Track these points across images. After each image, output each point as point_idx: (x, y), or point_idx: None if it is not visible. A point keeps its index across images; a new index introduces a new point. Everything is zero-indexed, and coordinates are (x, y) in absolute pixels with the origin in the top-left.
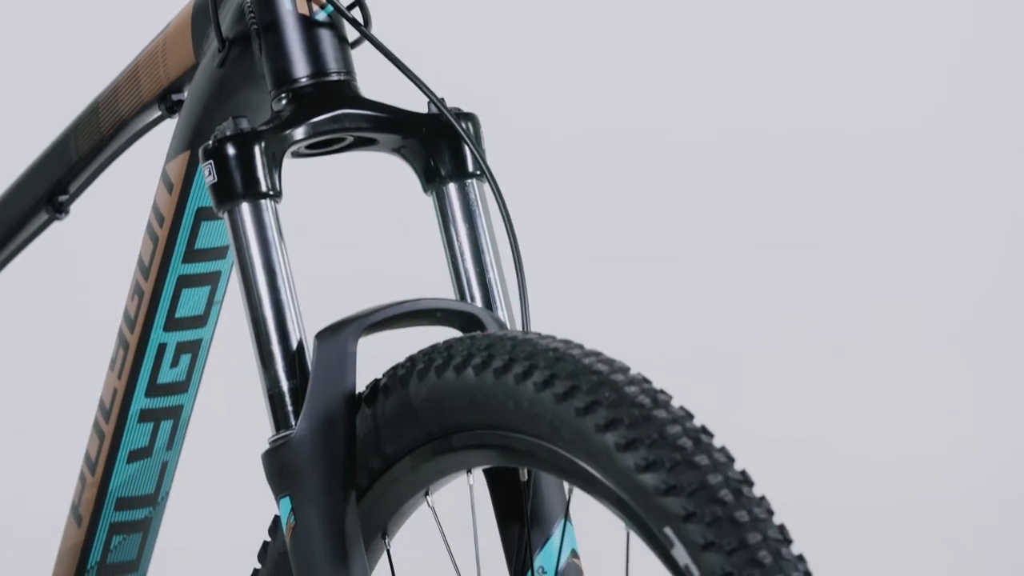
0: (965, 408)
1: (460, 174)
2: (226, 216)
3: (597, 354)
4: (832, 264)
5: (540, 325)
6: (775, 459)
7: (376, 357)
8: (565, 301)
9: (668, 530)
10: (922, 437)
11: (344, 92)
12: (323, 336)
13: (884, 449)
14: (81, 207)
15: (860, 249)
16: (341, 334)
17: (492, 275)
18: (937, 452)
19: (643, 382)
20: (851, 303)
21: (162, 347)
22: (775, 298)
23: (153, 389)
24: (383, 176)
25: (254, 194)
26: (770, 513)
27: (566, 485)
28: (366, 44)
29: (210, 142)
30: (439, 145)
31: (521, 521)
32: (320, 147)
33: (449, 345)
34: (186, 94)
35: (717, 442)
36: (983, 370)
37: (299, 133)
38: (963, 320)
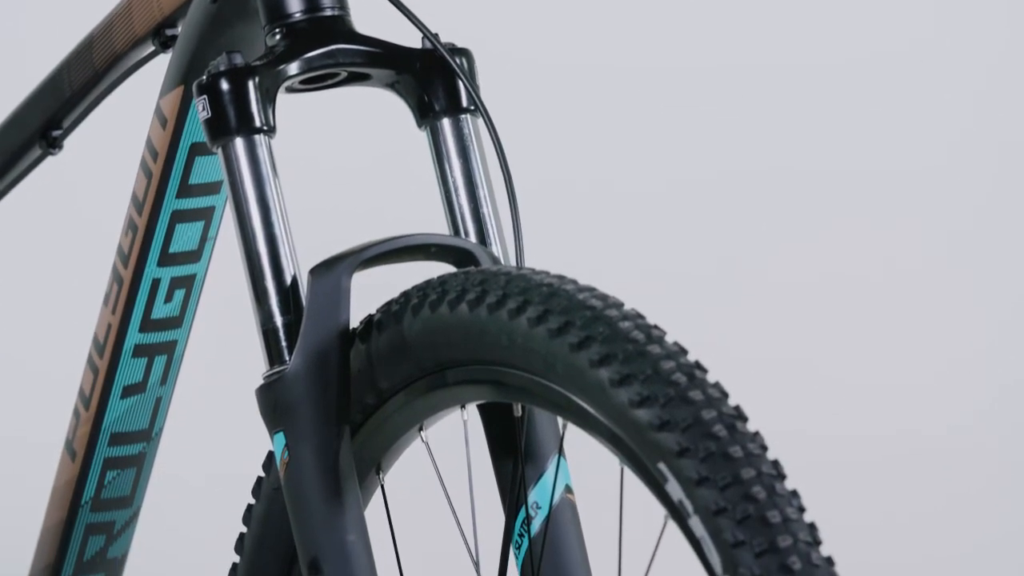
0: (959, 337)
1: (454, 109)
2: (220, 151)
3: (591, 289)
4: (827, 189)
5: (534, 260)
6: (769, 386)
7: (370, 292)
8: (559, 236)
9: (662, 465)
10: (918, 365)
11: (338, 27)
12: (317, 271)
13: (880, 377)
14: (75, 142)
15: (855, 173)
16: (335, 269)
17: (486, 210)
18: (933, 381)
19: (637, 317)
20: (845, 229)
21: (156, 282)
22: (769, 224)
23: (147, 324)
24: (377, 111)
25: (248, 129)
26: (764, 448)
27: (560, 420)
28: None
29: (204, 77)
30: (433, 80)
31: (515, 457)
32: (314, 82)
33: (443, 280)
34: (180, 29)
35: (711, 377)
36: (979, 298)
37: (293, 68)
38: (959, 247)
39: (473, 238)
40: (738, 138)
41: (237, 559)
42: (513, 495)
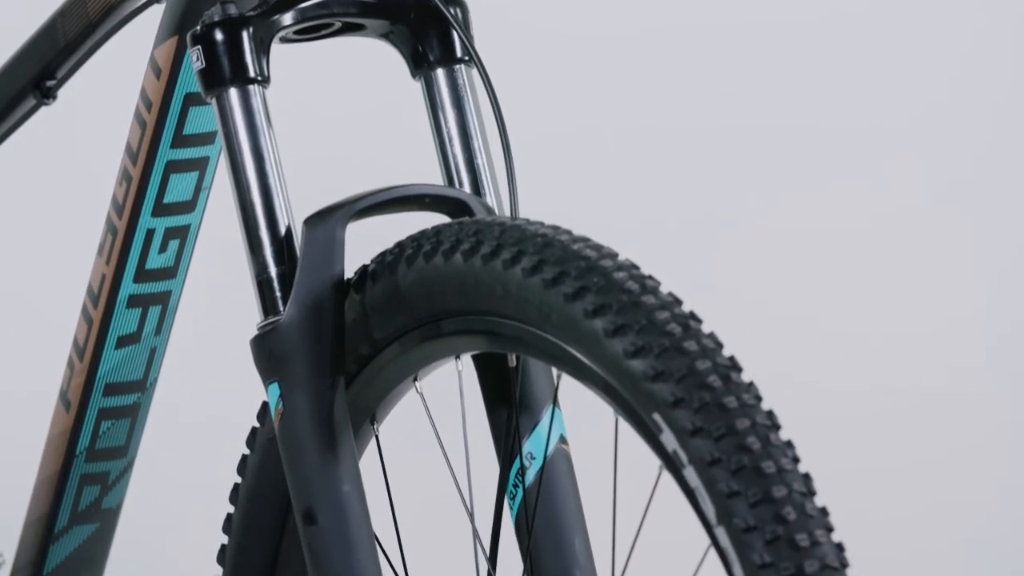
0: (958, 289)
1: (448, 59)
2: (214, 102)
3: (585, 240)
4: (825, 142)
5: (528, 210)
6: (764, 337)
7: (364, 242)
8: (553, 186)
9: (656, 416)
10: (916, 316)
11: None
12: (311, 222)
13: (878, 328)
14: (68, 92)
15: (853, 126)
16: (329, 220)
17: (480, 160)
18: (932, 332)
19: (631, 268)
20: (843, 181)
21: (150, 232)
22: (766, 176)
23: (141, 275)
24: (371, 62)
25: (242, 79)
26: (758, 399)
27: (554, 371)
28: None
29: (198, 27)
30: (427, 30)
31: (509, 407)
32: (308, 32)
33: (438, 231)
34: None
35: (705, 328)
36: (978, 249)
37: (287, 18)
38: (957, 197)
39: (467, 188)
40: (734, 92)
41: (232, 509)
42: (508, 445)
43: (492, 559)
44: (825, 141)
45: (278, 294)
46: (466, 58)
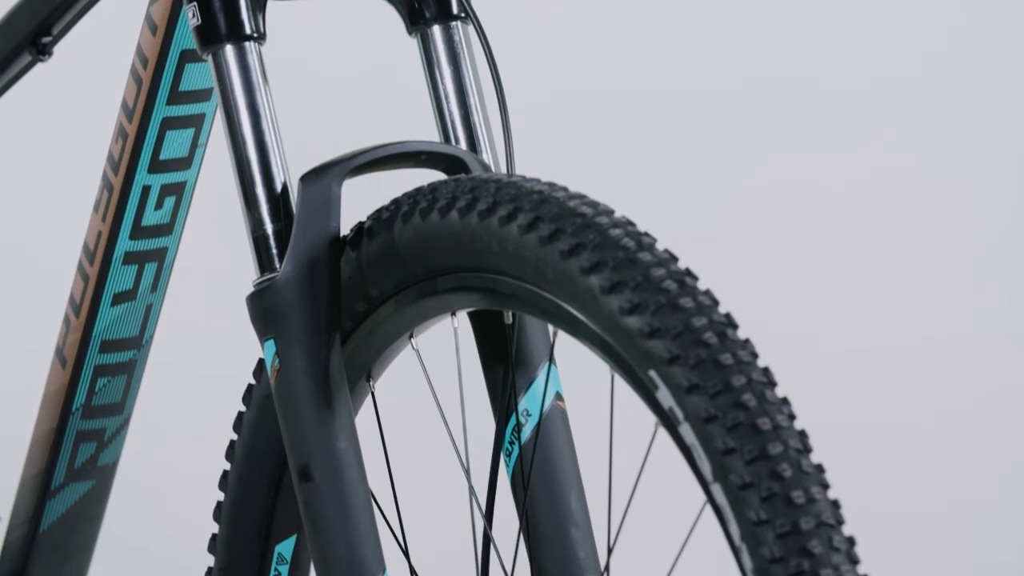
0: (956, 244)
1: (444, 16)
2: (210, 58)
3: (582, 197)
4: (821, 98)
5: (524, 168)
6: (761, 293)
7: (360, 199)
8: (550, 143)
9: (652, 373)
10: (912, 272)
11: None
12: (307, 179)
13: (874, 285)
14: (64, 49)
15: (849, 81)
16: (325, 177)
17: (476, 117)
18: (928, 287)
19: (627, 224)
20: (839, 136)
21: (146, 189)
22: (761, 133)
23: (137, 231)
24: (368, 19)
25: (238, 36)
26: (754, 356)
27: (550, 328)
28: None
29: None
30: None
31: (505, 364)
32: None
33: (434, 188)
34: None
35: (702, 285)
36: (975, 204)
37: None
38: (954, 152)
39: (463, 145)
40: (730, 49)
41: (228, 467)
42: (503, 402)
43: (488, 516)
44: (822, 99)
45: (274, 251)
46: (462, 15)
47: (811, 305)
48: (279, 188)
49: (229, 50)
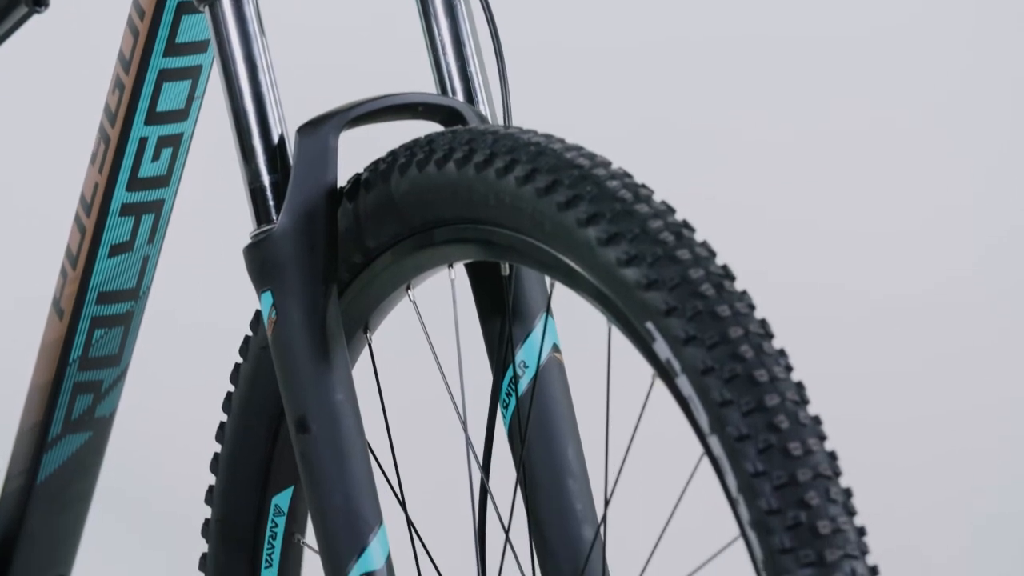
0: (946, 191)
1: None
2: (207, 10)
3: (579, 148)
4: (815, 46)
5: (521, 119)
6: (757, 244)
7: (357, 150)
8: (546, 95)
9: (649, 324)
10: (905, 220)
11: None
12: (304, 130)
13: (870, 233)
14: (61, 0)
15: (841, 30)
16: (322, 128)
17: (473, 69)
18: (921, 235)
19: (624, 176)
20: (832, 85)
21: (143, 141)
22: (756, 83)
23: (134, 183)
24: None
25: None
26: (752, 307)
27: (548, 279)
28: None
29: None
30: None
31: (503, 315)
32: None
33: (430, 139)
34: None
35: (699, 236)
36: (965, 151)
37: None
38: (946, 99)
39: (460, 97)
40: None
41: (225, 418)
42: (500, 354)
43: (485, 467)
44: (820, 47)
45: (271, 203)
46: None
47: (809, 255)
48: (276, 140)
49: (226, 1)
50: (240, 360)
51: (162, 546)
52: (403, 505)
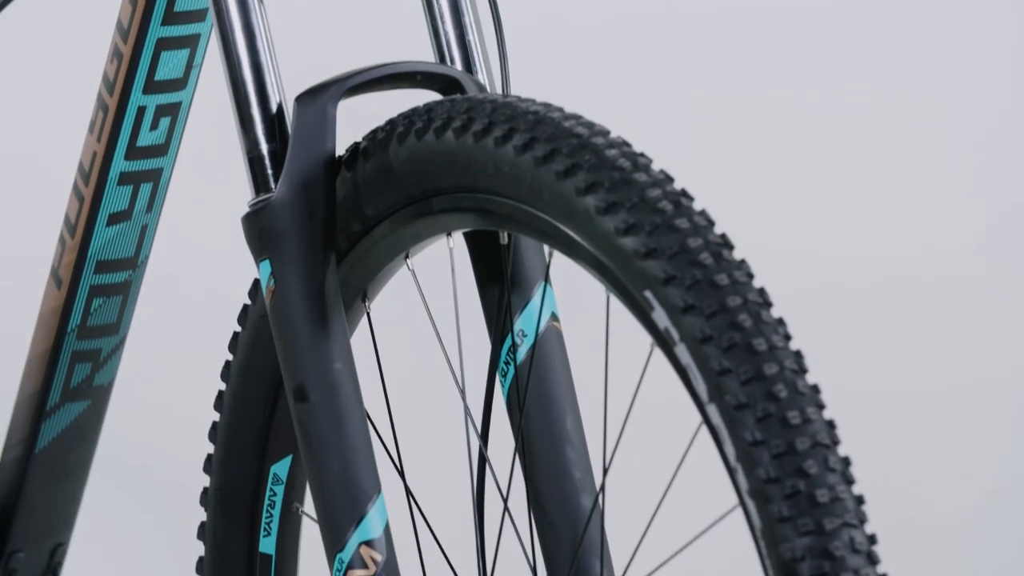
0: (950, 160)
1: None
2: None
3: (577, 117)
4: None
5: (520, 88)
6: (756, 213)
7: (355, 119)
8: (545, 64)
9: (648, 293)
10: (906, 189)
11: None
12: (303, 99)
13: (869, 202)
14: None
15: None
16: (321, 97)
17: (472, 37)
18: (929, 197)
19: (623, 145)
20: (829, 53)
21: (141, 110)
22: (752, 51)
23: (132, 152)
24: None
25: None
26: (750, 276)
27: (546, 248)
28: None
29: None
30: None
31: (501, 284)
32: None
33: (429, 108)
34: None
35: (697, 205)
36: (968, 120)
37: None
38: (946, 66)
39: (459, 66)
40: None
41: (223, 387)
42: (499, 323)
43: (483, 436)
44: (819, 13)
45: (269, 171)
46: None
47: (809, 223)
48: (274, 109)
49: None
50: (238, 329)
51: (161, 514)
52: (401, 474)
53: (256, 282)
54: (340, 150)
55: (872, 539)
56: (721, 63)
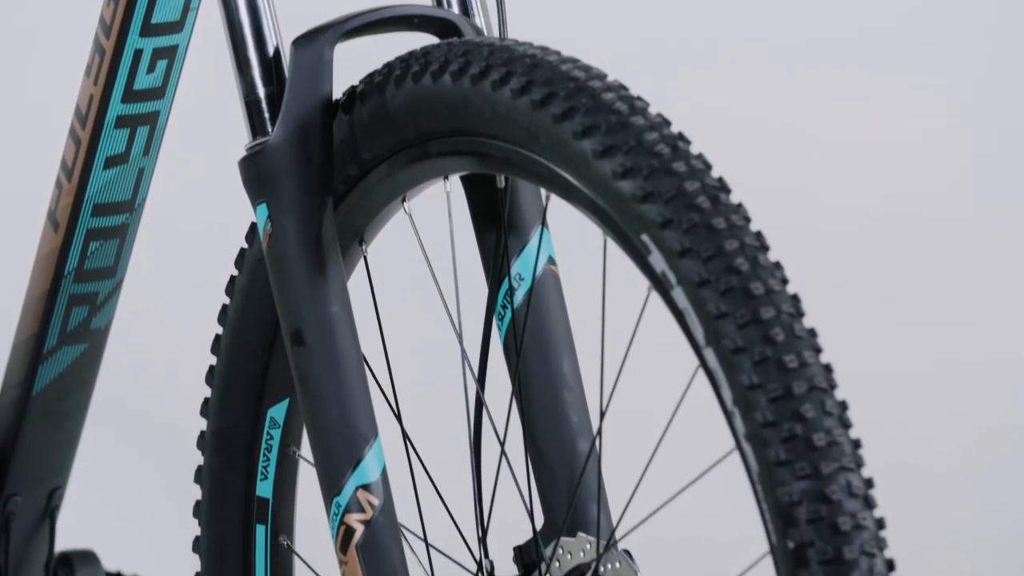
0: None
1: None
2: None
3: (574, 60)
4: None
5: (516, 31)
6: (752, 156)
7: (352, 63)
8: (541, 7)
9: (645, 237)
10: (898, 127)
11: None
12: (300, 43)
13: (863, 141)
14: None
15: None
16: (318, 40)
17: None
18: (912, 143)
19: (620, 88)
20: None
21: (138, 53)
22: None
23: (129, 95)
24: None
25: None
26: (747, 220)
27: (543, 192)
28: None
29: None
30: None
31: (498, 228)
32: None
33: (426, 52)
34: None
35: (694, 149)
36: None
37: None
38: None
39: (456, 9)
40: None
41: (220, 330)
42: (496, 266)
43: (481, 380)
44: None
45: (266, 115)
46: None
47: (805, 166)
48: (271, 52)
49: None
50: (236, 272)
51: (158, 457)
52: (398, 418)
53: (253, 226)
54: (337, 94)
55: (869, 483)
56: (716, 6)
